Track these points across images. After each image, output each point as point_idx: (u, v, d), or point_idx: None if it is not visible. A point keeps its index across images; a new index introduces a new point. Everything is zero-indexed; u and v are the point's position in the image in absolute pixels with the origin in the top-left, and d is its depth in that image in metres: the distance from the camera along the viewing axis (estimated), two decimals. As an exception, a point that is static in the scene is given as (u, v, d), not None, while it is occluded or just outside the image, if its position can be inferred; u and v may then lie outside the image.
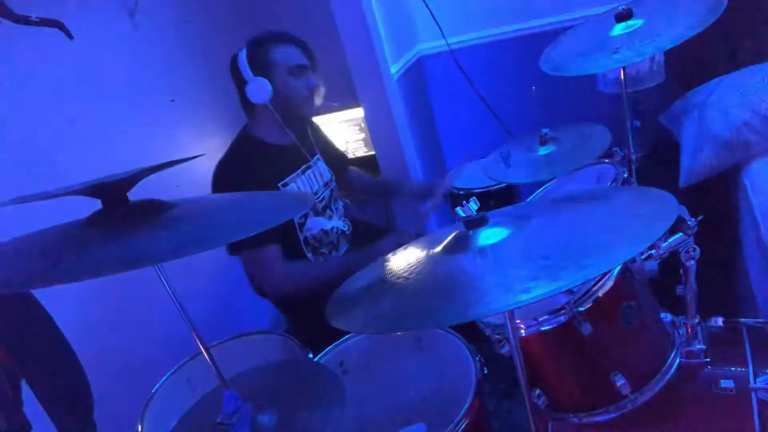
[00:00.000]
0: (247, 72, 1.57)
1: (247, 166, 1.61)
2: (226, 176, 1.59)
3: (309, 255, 1.70)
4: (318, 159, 1.80)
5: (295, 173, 1.68)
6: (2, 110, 1.47)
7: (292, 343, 1.39)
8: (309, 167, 1.73)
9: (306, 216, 1.68)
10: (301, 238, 1.67)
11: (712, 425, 1.03)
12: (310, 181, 1.72)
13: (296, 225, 1.66)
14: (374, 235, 1.95)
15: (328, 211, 1.77)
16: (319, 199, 1.74)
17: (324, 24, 2.22)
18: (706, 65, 1.94)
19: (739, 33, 1.89)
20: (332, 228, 1.75)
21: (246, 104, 1.65)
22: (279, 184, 1.63)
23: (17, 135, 1.50)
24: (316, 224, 1.70)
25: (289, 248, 1.66)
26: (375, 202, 2.49)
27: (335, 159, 1.92)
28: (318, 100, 1.70)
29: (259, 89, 1.57)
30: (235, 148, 1.67)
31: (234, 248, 1.58)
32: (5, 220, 1.17)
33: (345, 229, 1.82)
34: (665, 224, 0.72)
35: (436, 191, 1.83)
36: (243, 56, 1.59)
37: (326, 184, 1.79)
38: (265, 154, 1.64)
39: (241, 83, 1.60)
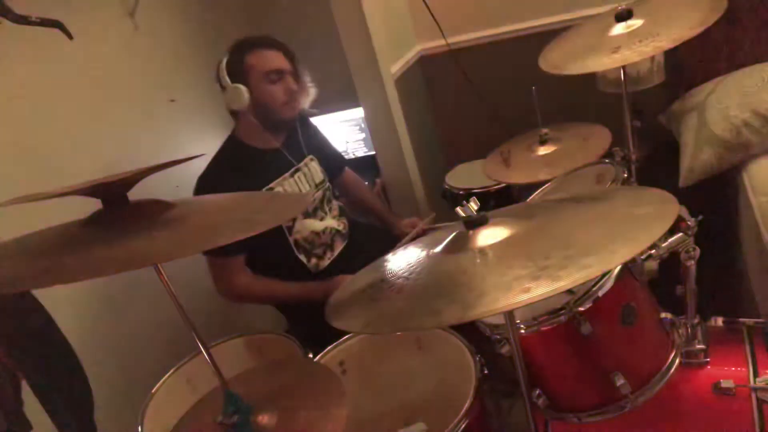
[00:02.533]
0: (224, 79, 1.58)
1: (230, 171, 1.61)
2: (207, 183, 1.59)
3: (302, 257, 1.69)
4: (311, 160, 1.79)
5: (281, 177, 1.67)
6: (2, 110, 1.47)
7: (292, 343, 1.39)
8: (298, 170, 1.72)
9: (294, 219, 1.67)
10: (291, 241, 1.67)
11: (712, 425, 1.03)
12: (299, 183, 1.72)
13: (284, 228, 1.65)
14: (373, 234, 1.94)
15: (319, 212, 1.76)
16: (313, 199, 1.74)
17: (324, 24, 2.22)
18: (706, 65, 1.94)
19: (738, 33, 1.89)
20: (324, 229, 1.74)
21: (230, 110, 1.65)
22: (264, 189, 1.62)
23: (17, 135, 1.50)
24: (306, 226, 1.69)
25: (278, 252, 1.66)
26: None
27: (330, 160, 1.91)
28: (303, 103, 1.68)
29: (235, 96, 1.57)
30: (219, 154, 1.67)
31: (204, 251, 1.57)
32: (5, 220, 1.17)
33: (340, 228, 1.81)
34: (665, 224, 0.72)
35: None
36: (222, 64, 1.59)
37: (318, 185, 1.78)
38: (248, 159, 1.64)
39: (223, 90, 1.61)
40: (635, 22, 1.37)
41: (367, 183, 2.37)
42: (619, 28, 1.39)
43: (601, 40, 1.40)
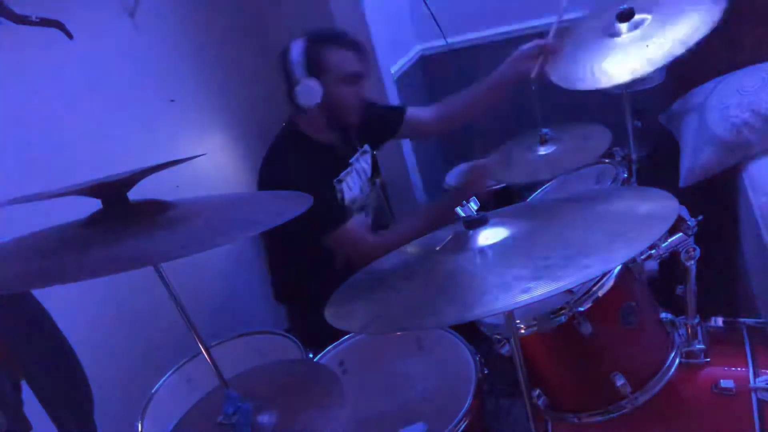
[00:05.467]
0: (300, 71, 1.49)
1: (301, 162, 1.55)
2: (279, 173, 1.53)
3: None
4: (363, 152, 1.74)
5: (347, 170, 1.64)
6: (2, 110, 1.47)
7: (292, 343, 1.39)
8: (352, 165, 1.69)
9: (350, 214, 1.63)
10: None
11: (712, 425, 1.03)
12: (359, 177, 1.69)
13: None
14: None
15: (366, 208, 1.75)
16: (366, 195, 1.71)
17: (324, 24, 2.22)
18: (706, 65, 1.94)
19: (739, 33, 1.89)
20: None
21: (292, 100, 1.56)
22: (334, 181, 1.59)
23: (17, 135, 1.50)
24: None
25: (324, 247, 1.62)
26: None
27: (387, 120, 1.80)
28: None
29: (309, 93, 1.49)
30: (283, 145, 1.61)
31: (320, 235, 1.51)
32: (5, 220, 1.17)
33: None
34: (665, 224, 0.72)
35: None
36: (297, 52, 1.50)
37: (369, 179, 1.75)
38: (316, 151, 1.59)
39: (290, 80, 1.52)
40: (641, 22, 1.35)
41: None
42: (623, 31, 1.37)
43: (607, 47, 1.38)
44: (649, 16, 1.34)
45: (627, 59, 1.30)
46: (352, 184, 1.66)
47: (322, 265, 1.67)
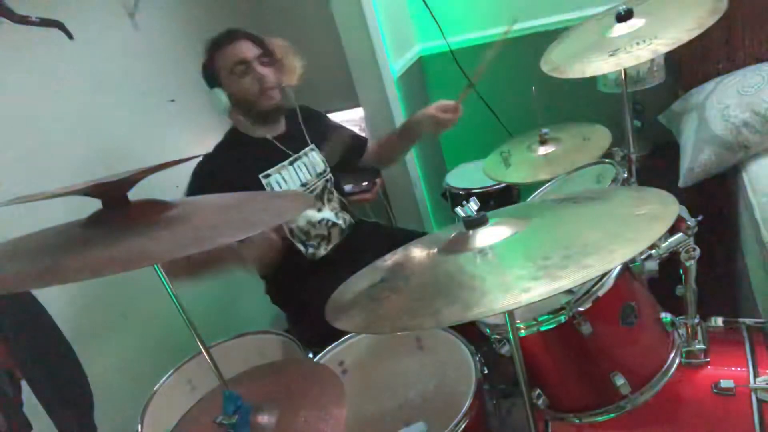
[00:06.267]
0: (206, 85, 1.63)
1: (227, 157, 1.64)
2: (204, 167, 1.61)
3: (299, 246, 1.70)
4: (311, 149, 1.79)
5: (279, 165, 1.68)
6: (2, 110, 1.47)
7: (292, 343, 1.39)
8: (297, 158, 1.73)
9: None
10: (287, 229, 1.67)
11: (712, 425, 1.03)
12: (298, 172, 1.73)
13: None
14: (378, 235, 1.94)
15: (317, 202, 1.77)
16: (310, 190, 1.74)
17: (324, 24, 2.22)
18: (706, 65, 1.95)
19: (739, 33, 1.89)
20: (321, 220, 1.74)
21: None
22: (260, 176, 1.64)
23: (18, 135, 1.50)
24: (303, 216, 1.70)
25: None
26: (376, 201, 2.48)
27: (345, 145, 1.90)
28: (286, 81, 1.69)
29: (215, 102, 1.61)
30: (219, 143, 1.72)
31: None
32: (5, 220, 1.17)
33: (339, 222, 1.80)
34: (665, 224, 0.72)
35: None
36: (202, 70, 1.65)
37: (319, 175, 1.78)
38: (245, 147, 1.67)
39: None
40: (636, 23, 1.37)
41: (366, 183, 2.38)
42: (619, 30, 1.38)
43: (601, 42, 1.39)
44: (643, 21, 1.35)
45: (611, 56, 1.30)
46: (287, 178, 1.69)
47: (294, 258, 1.68)
